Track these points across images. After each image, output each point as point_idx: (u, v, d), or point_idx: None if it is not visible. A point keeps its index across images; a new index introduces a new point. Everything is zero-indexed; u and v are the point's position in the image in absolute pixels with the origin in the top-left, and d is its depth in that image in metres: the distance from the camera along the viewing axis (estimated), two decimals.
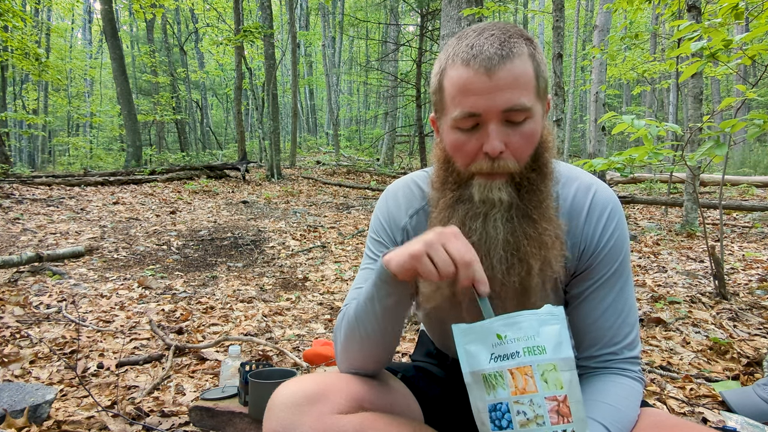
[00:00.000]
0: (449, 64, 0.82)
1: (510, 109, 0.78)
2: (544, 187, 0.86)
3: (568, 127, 15.21)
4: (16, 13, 9.00)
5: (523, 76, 0.79)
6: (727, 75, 10.89)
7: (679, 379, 1.98)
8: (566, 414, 0.70)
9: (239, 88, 12.17)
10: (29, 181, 8.39)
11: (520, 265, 0.84)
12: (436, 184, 0.91)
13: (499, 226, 0.83)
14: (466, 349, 0.76)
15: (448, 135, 0.85)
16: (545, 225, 0.84)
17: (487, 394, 0.74)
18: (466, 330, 0.76)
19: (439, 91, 0.85)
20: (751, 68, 15.42)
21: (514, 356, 0.72)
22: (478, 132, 0.81)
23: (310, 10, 26.38)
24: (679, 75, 6.44)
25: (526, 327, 0.73)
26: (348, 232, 6.05)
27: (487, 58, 0.77)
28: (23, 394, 1.69)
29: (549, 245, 0.84)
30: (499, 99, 0.77)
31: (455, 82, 0.81)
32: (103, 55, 25.82)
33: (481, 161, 0.82)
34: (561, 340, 0.73)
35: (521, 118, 0.80)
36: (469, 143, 0.82)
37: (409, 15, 17.66)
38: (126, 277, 3.98)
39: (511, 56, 0.78)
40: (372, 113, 23.80)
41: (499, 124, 0.79)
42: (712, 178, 9.60)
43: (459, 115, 0.80)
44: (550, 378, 0.70)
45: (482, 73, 0.77)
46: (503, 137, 0.80)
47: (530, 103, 0.79)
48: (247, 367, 1.61)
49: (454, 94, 0.81)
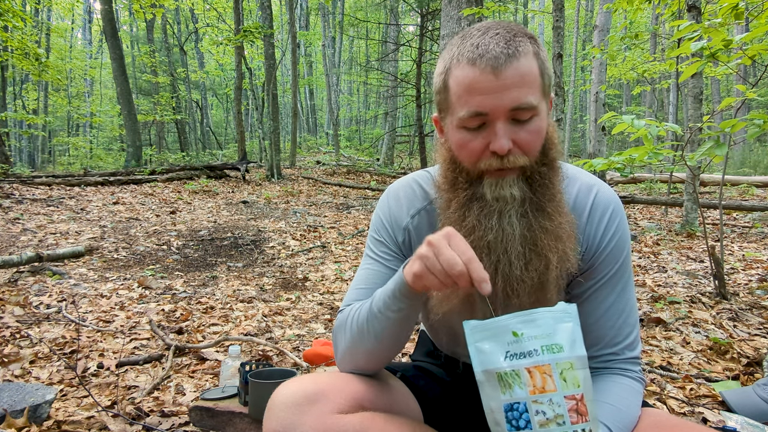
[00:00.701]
0: (454, 64, 0.82)
1: (517, 108, 0.78)
2: (556, 182, 0.86)
3: (568, 127, 15.21)
4: (16, 13, 8.99)
5: (529, 74, 0.79)
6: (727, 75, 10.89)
7: (679, 379, 1.98)
8: (584, 413, 0.69)
9: (239, 88, 12.17)
10: (29, 181, 8.39)
11: (538, 260, 0.83)
12: (445, 185, 0.90)
13: (514, 222, 0.82)
14: (477, 347, 0.74)
15: (453, 134, 0.85)
16: (560, 218, 0.84)
17: (502, 394, 0.71)
18: (478, 327, 0.74)
19: (444, 90, 0.85)
20: (751, 68, 15.42)
21: (531, 354, 0.70)
22: (485, 131, 0.81)
23: (310, 10, 26.38)
24: (679, 75, 6.44)
25: (543, 324, 0.72)
26: (348, 232, 6.04)
27: (493, 57, 0.77)
28: (23, 394, 1.69)
29: (565, 239, 0.84)
30: (506, 98, 0.77)
31: (461, 82, 0.80)
32: (103, 55, 25.82)
33: (490, 159, 0.81)
34: (575, 338, 0.72)
35: (528, 116, 0.80)
36: (475, 141, 0.82)
37: (409, 15, 17.66)
38: (126, 277, 3.98)
39: (517, 55, 0.78)
40: (372, 113, 23.80)
41: (506, 123, 0.79)
42: (712, 178, 9.60)
43: (466, 115, 0.80)
44: (569, 377, 0.69)
45: (489, 72, 0.77)
46: (510, 135, 0.80)
47: (536, 101, 0.79)
48: (247, 367, 1.61)
49: (460, 93, 0.81)
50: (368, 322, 0.88)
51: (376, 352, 0.90)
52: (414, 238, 0.99)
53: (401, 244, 1.00)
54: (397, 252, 1.00)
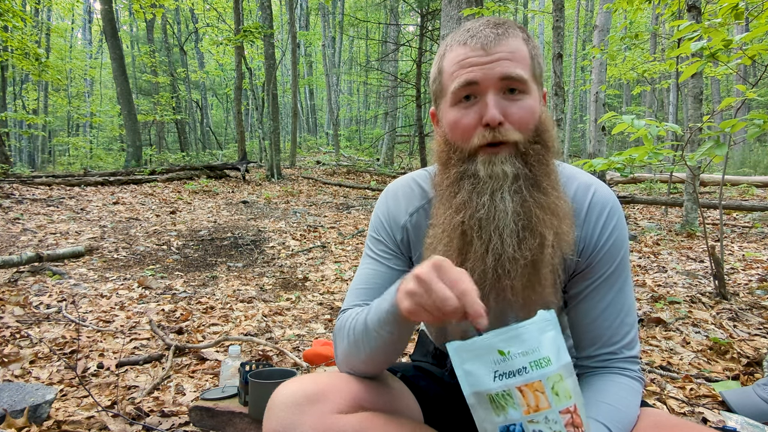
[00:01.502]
0: (447, 50, 0.88)
1: (507, 77, 0.81)
2: (551, 160, 0.86)
3: (568, 127, 15.22)
4: (16, 13, 8.99)
5: (519, 51, 0.83)
6: (727, 75, 10.89)
7: (679, 379, 1.98)
8: (579, 424, 0.68)
9: (239, 88, 12.17)
10: (29, 181, 8.39)
11: (532, 237, 0.81)
12: (439, 166, 0.90)
13: (507, 198, 0.81)
14: (464, 369, 0.70)
15: (447, 116, 0.87)
16: (556, 194, 0.83)
17: (496, 416, 0.69)
18: (462, 347, 0.70)
19: (439, 74, 0.89)
20: (751, 68, 15.42)
21: (521, 372, 0.68)
22: (477, 104, 0.83)
23: (310, 10, 26.38)
24: (679, 75, 6.43)
25: (528, 339, 0.68)
26: (348, 232, 6.04)
27: (483, 36, 0.83)
28: (23, 394, 1.69)
29: (561, 216, 0.83)
30: (496, 67, 0.81)
31: (453, 60, 0.85)
32: (103, 55, 25.81)
33: (483, 132, 0.82)
34: (559, 346, 0.70)
35: (518, 88, 0.82)
36: (467, 117, 0.84)
37: (409, 15, 17.66)
38: (126, 277, 3.98)
39: (506, 35, 0.83)
40: (372, 113, 23.80)
41: (497, 94, 0.82)
42: (712, 178, 9.60)
43: (457, 85, 0.83)
44: (560, 389, 0.68)
45: (479, 48, 0.82)
46: (502, 108, 0.81)
47: (526, 75, 0.82)
48: (247, 367, 1.61)
49: (452, 70, 0.85)
50: (363, 337, 0.88)
51: (372, 362, 0.90)
52: (412, 236, 0.99)
53: (400, 243, 1.00)
54: (396, 251, 1.00)
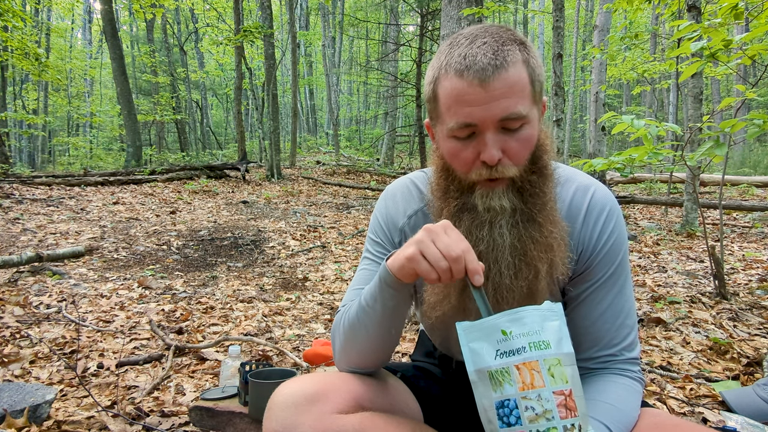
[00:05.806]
0: (442, 74, 0.82)
1: (506, 118, 0.78)
2: (547, 189, 0.86)
3: (568, 127, 15.22)
4: (16, 13, 8.99)
5: (518, 83, 0.78)
6: (727, 75, 10.89)
7: (679, 379, 1.98)
8: (573, 408, 0.70)
9: (239, 88, 12.18)
10: (29, 181, 8.39)
11: (527, 269, 0.84)
12: (438, 193, 0.91)
13: (505, 233, 0.83)
14: (470, 347, 0.75)
15: (444, 143, 0.86)
16: (551, 228, 0.84)
17: (493, 392, 0.73)
18: (470, 327, 0.76)
19: (434, 100, 0.86)
20: (751, 68, 15.42)
21: (520, 351, 0.72)
22: (475, 140, 0.81)
23: (310, 10, 26.37)
24: (679, 75, 6.43)
25: (530, 322, 0.73)
26: (348, 232, 6.05)
27: (480, 69, 0.77)
28: (23, 394, 1.69)
29: (555, 248, 0.85)
30: (495, 108, 0.77)
31: (449, 93, 0.80)
32: (103, 55, 25.81)
33: (480, 169, 0.82)
34: (562, 336, 0.74)
35: (517, 125, 0.80)
36: (465, 151, 0.82)
37: (409, 15, 17.64)
38: (126, 277, 3.98)
39: (505, 65, 0.77)
40: (372, 113, 23.79)
41: (496, 133, 0.80)
42: (712, 178, 9.59)
43: (455, 126, 0.81)
44: (556, 372, 0.71)
45: (476, 85, 0.77)
46: (500, 145, 0.80)
47: (526, 110, 0.79)
48: (247, 367, 1.61)
49: (449, 104, 0.81)
50: (358, 317, 0.90)
51: (369, 346, 0.91)
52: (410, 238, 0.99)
53: (397, 245, 1.00)
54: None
